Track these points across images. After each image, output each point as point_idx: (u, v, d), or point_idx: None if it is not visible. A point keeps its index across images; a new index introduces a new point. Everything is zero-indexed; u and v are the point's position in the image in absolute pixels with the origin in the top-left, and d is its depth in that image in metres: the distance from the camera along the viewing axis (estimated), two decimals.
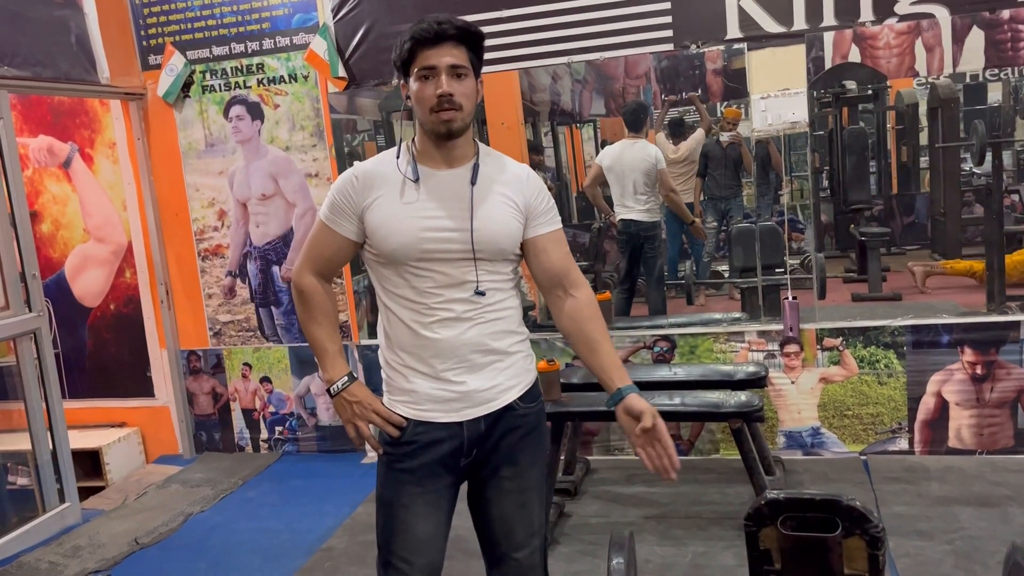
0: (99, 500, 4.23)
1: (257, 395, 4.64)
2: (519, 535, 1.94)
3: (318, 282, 1.95)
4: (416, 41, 1.77)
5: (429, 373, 1.85)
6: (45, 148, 4.71)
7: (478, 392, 1.86)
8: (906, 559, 2.91)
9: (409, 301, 1.84)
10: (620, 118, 7.51)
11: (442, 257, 1.81)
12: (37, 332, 3.84)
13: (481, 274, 1.83)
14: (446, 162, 1.85)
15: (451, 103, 1.76)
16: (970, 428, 3.72)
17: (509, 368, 1.89)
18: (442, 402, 1.85)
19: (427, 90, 1.77)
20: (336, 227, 1.88)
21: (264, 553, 3.45)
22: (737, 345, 3.93)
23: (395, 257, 1.82)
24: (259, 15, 4.27)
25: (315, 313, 1.95)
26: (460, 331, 1.83)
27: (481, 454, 1.91)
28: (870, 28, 3.74)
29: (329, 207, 1.89)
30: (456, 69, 1.77)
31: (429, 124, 1.81)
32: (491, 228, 1.83)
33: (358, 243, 1.89)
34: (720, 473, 3.80)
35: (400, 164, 1.85)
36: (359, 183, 1.85)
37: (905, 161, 7.00)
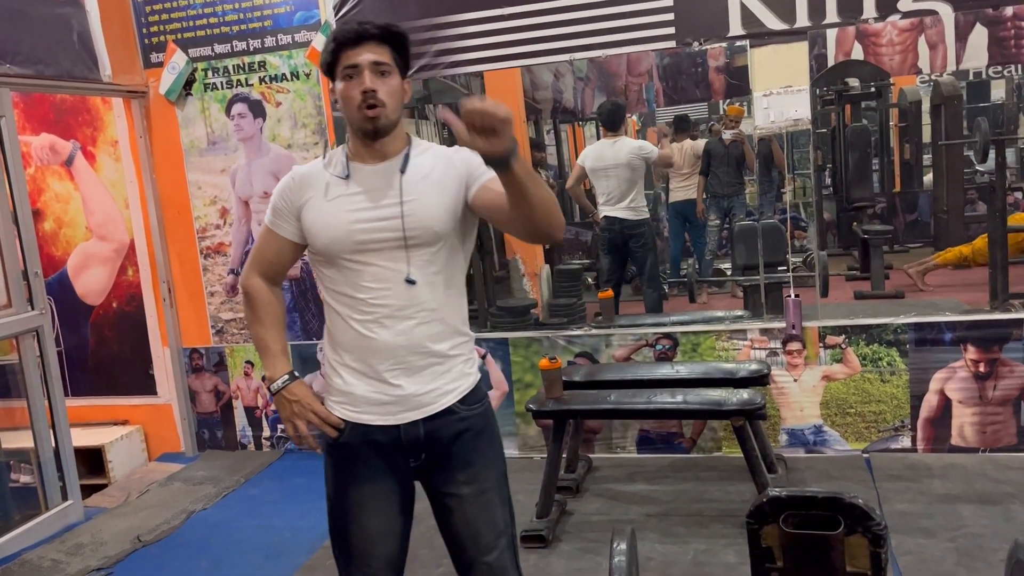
0: (101, 498, 4.24)
1: (259, 393, 4.64)
2: (486, 538, 1.93)
3: (264, 284, 1.99)
4: (338, 43, 1.80)
5: (367, 373, 1.86)
6: (47, 146, 4.71)
7: (415, 396, 1.85)
8: (908, 557, 2.91)
9: (348, 298, 1.85)
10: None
11: (376, 248, 1.82)
12: (40, 330, 3.85)
13: (415, 263, 1.82)
14: (377, 158, 1.87)
15: (375, 99, 1.78)
16: (973, 426, 3.72)
17: (448, 372, 1.88)
18: (378, 404, 1.86)
19: (352, 89, 1.79)
20: (277, 229, 1.93)
21: (266, 551, 3.46)
22: (739, 343, 3.93)
23: (329, 251, 1.84)
24: (261, 13, 4.27)
25: (259, 314, 1.99)
26: (398, 331, 1.82)
27: (432, 461, 1.90)
28: (873, 25, 3.73)
29: (271, 211, 1.94)
30: (379, 66, 1.79)
31: (356, 122, 1.82)
32: (423, 212, 1.81)
33: (300, 245, 1.93)
34: (722, 471, 3.79)
35: (334, 163, 1.89)
36: (295, 184, 1.90)
37: (908, 159, 7.00)
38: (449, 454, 1.89)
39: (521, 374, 4.18)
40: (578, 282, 5.30)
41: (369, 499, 1.90)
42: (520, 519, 3.38)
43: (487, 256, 5.05)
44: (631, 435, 4.08)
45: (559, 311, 4.81)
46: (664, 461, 3.98)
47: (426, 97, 5.15)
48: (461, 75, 4.24)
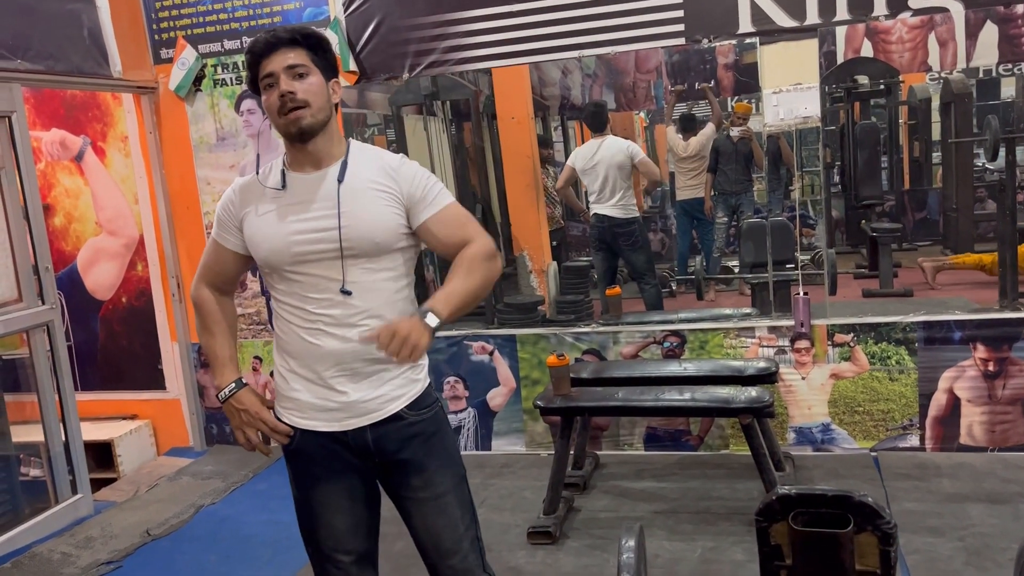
0: (111, 492, 4.26)
1: (267, 388, 4.66)
2: (447, 542, 1.94)
3: (211, 293, 2.00)
4: (253, 55, 1.81)
5: (313, 380, 1.86)
6: (58, 141, 4.73)
7: (361, 403, 1.85)
8: (916, 556, 2.91)
9: (293, 307, 1.86)
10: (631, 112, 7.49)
11: (315, 259, 1.82)
12: (50, 324, 3.86)
13: (352, 273, 1.81)
14: (313, 164, 1.86)
15: (294, 101, 1.78)
16: (982, 425, 3.71)
17: (395, 378, 1.88)
18: (324, 411, 1.87)
19: (272, 96, 1.80)
20: (222, 241, 1.95)
21: (275, 545, 3.47)
22: (747, 341, 3.92)
23: (270, 263, 1.86)
24: (270, 9, 4.27)
25: (207, 323, 2.00)
26: (343, 339, 1.83)
27: (386, 466, 1.92)
28: (883, 22, 3.72)
29: (217, 223, 1.96)
30: (294, 69, 1.79)
31: (281, 128, 1.83)
32: (362, 224, 1.81)
33: (245, 256, 1.94)
34: (730, 469, 3.79)
35: (272, 174, 1.89)
36: (237, 196, 1.92)
37: (917, 156, 6.98)
38: (401, 460, 1.90)
39: (528, 371, 4.18)
40: (585, 279, 5.31)
41: (332, 498, 1.93)
42: (527, 515, 3.42)
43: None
44: (638, 432, 4.09)
45: (566, 308, 4.81)
46: (672, 458, 3.98)
47: (434, 94, 5.16)
48: (469, 72, 4.24)
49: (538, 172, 5.21)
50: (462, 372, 4.27)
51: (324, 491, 1.93)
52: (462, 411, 4.29)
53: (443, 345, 4.27)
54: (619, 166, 5.20)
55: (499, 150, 5.31)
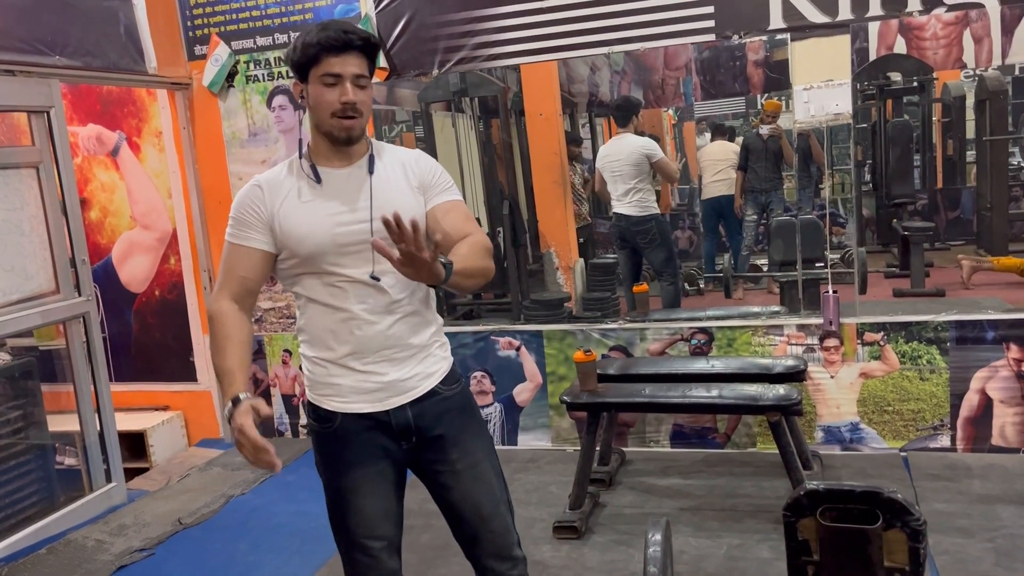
0: (143, 481, 4.34)
1: (297, 381, 4.71)
2: (486, 507, 2.00)
3: (231, 308, 1.90)
4: (323, 48, 1.81)
5: (354, 367, 1.90)
6: (94, 137, 4.82)
7: (400, 382, 1.91)
8: (946, 556, 2.88)
9: (330, 298, 1.88)
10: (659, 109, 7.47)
11: (354, 250, 1.86)
12: (86, 316, 3.94)
13: (379, 261, 1.81)
14: (343, 160, 1.91)
15: (354, 111, 1.83)
16: (1014, 426, 3.66)
17: (428, 357, 1.96)
18: (366, 393, 1.91)
19: (330, 95, 1.82)
20: (246, 242, 1.90)
21: (303, 536, 3.52)
22: (776, 338, 3.90)
23: (312, 257, 1.86)
24: (302, 6, 4.32)
25: (222, 343, 1.88)
26: (380, 328, 1.88)
27: (423, 442, 1.96)
28: (917, 18, 3.67)
29: (235, 224, 1.92)
30: (359, 79, 1.84)
31: (328, 127, 1.86)
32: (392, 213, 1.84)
33: (272, 254, 1.91)
34: (757, 467, 3.77)
35: (302, 167, 1.91)
36: (265, 192, 1.90)
37: (951, 155, 6.87)
38: (439, 434, 1.96)
39: (555, 367, 4.19)
40: (612, 276, 5.30)
41: (364, 484, 1.95)
42: (553, 510, 3.44)
43: (521, 249, 5.06)
44: (665, 429, 4.08)
45: (593, 305, 4.81)
46: (698, 456, 3.97)
47: (463, 90, 5.18)
48: (498, 68, 4.26)
49: (566, 169, 5.21)
50: (489, 367, 4.29)
51: (357, 476, 1.95)
52: (488, 406, 4.31)
53: (470, 340, 4.29)
54: (635, 164, 5.15)
55: (527, 147, 5.31)
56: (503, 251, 5.02)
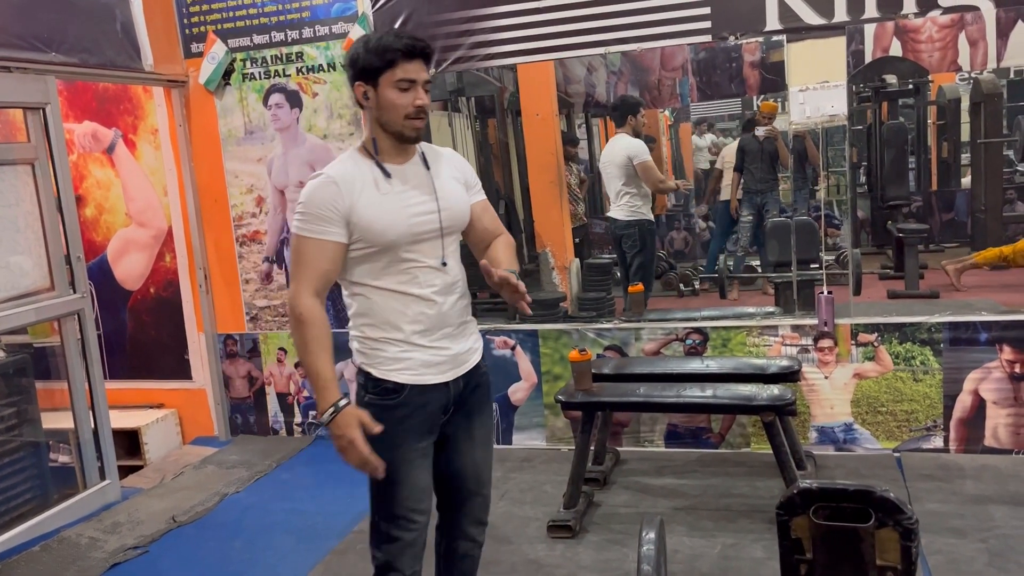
0: (138, 478, 4.33)
1: (292, 380, 4.71)
2: (485, 473, 2.27)
3: (315, 305, 1.98)
4: (403, 54, 1.98)
5: (424, 344, 2.07)
6: (90, 134, 4.81)
7: (460, 355, 2.15)
8: (938, 556, 2.89)
9: (402, 283, 2.05)
10: (656, 110, 7.49)
11: (426, 237, 2.06)
12: (81, 313, 3.94)
13: (446, 248, 2.10)
14: (402, 156, 2.09)
15: (424, 113, 2.04)
16: (1007, 427, 3.67)
17: (473, 334, 2.22)
18: (434, 366, 2.09)
19: (405, 99, 2.00)
20: (326, 236, 1.98)
21: (298, 534, 3.52)
22: (770, 339, 3.91)
23: (391, 245, 2.02)
24: (299, 4, 4.32)
25: (309, 341, 1.97)
26: (445, 307, 2.09)
27: (458, 409, 2.17)
28: (912, 21, 3.69)
29: (312, 220, 1.98)
30: (427, 84, 2.05)
31: (399, 127, 2.03)
32: (454, 204, 2.11)
33: (346, 245, 2.02)
34: (751, 467, 3.79)
35: (368, 165, 2.05)
36: (341, 187, 1.99)
37: (945, 157, 6.91)
38: (473, 401, 2.20)
39: (550, 366, 4.20)
40: (608, 276, 5.30)
41: (417, 457, 2.10)
42: (548, 509, 3.44)
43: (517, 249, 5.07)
44: (659, 429, 4.09)
45: (588, 305, 4.82)
46: (692, 455, 3.98)
47: (460, 90, 5.19)
48: (495, 68, 4.26)
49: (562, 169, 5.22)
50: None
51: (413, 449, 2.08)
52: None
53: None
54: (620, 165, 5.07)
55: (523, 147, 5.32)
56: None
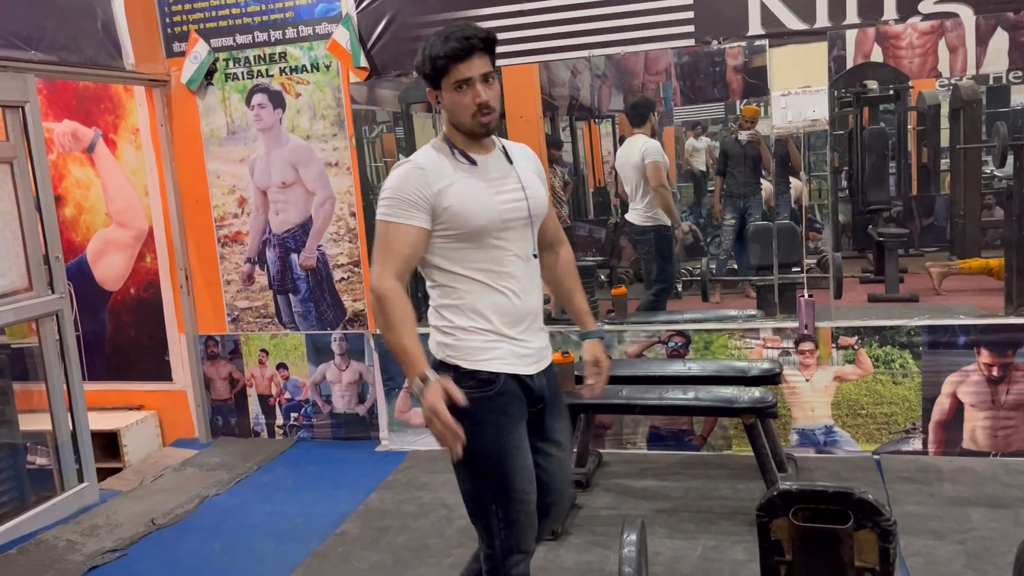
0: (116, 481, 4.29)
1: (273, 381, 4.68)
2: (567, 480, 2.29)
3: (399, 288, 1.99)
4: (450, 59, 1.97)
5: (509, 335, 2.08)
6: (70, 133, 4.77)
7: (541, 350, 2.16)
8: (917, 558, 2.91)
9: (490, 272, 2.06)
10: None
11: (515, 225, 2.07)
12: (59, 314, 3.90)
13: (534, 238, 2.14)
14: (483, 148, 2.11)
15: (487, 108, 2.01)
16: (984, 430, 3.71)
17: (546, 332, 2.20)
18: (521, 357, 2.10)
19: (465, 99, 2.00)
20: (411, 220, 1.99)
21: (278, 536, 3.50)
22: (752, 342, 3.93)
23: (481, 232, 2.03)
24: (283, 4, 4.30)
25: (394, 321, 1.97)
26: (530, 297, 2.11)
27: (543, 408, 2.17)
28: (893, 27, 3.73)
29: (398, 205, 1.99)
30: (486, 76, 2.01)
31: (469, 127, 2.03)
32: (537, 195, 2.14)
33: (430, 232, 2.03)
34: (732, 469, 3.80)
35: (454, 153, 2.06)
36: (428, 174, 2.01)
37: (925, 162, 6.97)
38: (552, 403, 2.18)
39: None
40: (591, 279, 5.30)
41: (521, 441, 2.12)
42: None
43: None
44: (642, 431, 4.10)
45: None
46: (674, 458, 3.99)
47: None
48: None
49: (547, 171, 5.20)
50: None
51: (519, 433, 2.11)
52: None
53: None
54: (635, 167, 4.96)
55: None
56: None
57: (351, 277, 4.46)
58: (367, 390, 4.53)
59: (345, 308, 4.49)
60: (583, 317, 2.27)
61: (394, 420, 4.44)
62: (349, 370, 4.54)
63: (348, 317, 4.49)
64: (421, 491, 3.80)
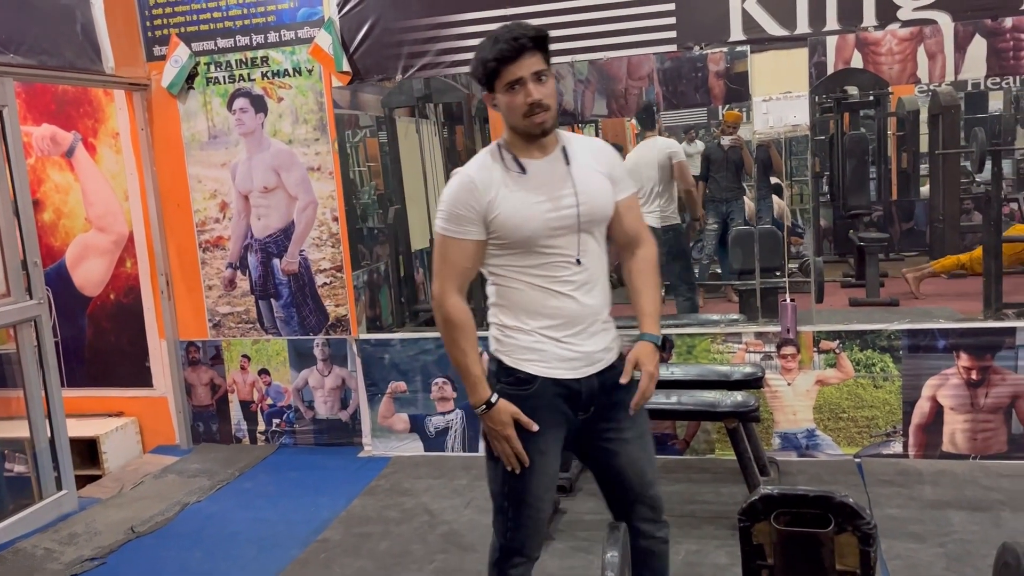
0: (96, 488, 4.25)
1: (255, 387, 4.65)
2: (649, 474, 2.22)
3: (459, 303, 2.07)
4: (499, 61, 1.97)
5: (557, 338, 2.08)
6: (49, 137, 4.72)
7: (594, 353, 2.11)
8: (898, 561, 2.93)
9: (540, 277, 2.06)
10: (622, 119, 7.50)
11: (562, 233, 2.04)
12: (37, 320, 3.86)
13: (583, 244, 2.07)
14: (541, 151, 2.07)
15: (540, 106, 1.98)
16: (964, 433, 3.74)
17: (610, 332, 2.17)
18: (566, 360, 2.09)
19: (517, 99, 1.98)
20: (466, 235, 2.05)
21: (260, 543, 3.47)
22: (734, 346, 3.95)
23: (528, 241, 2.04)
24: (264, 8, 4.29)
25: (457, 338, 2.07)
26: (582, 303, 2.08)
27: (600, 410, 2.15)
28: (873, 34, 3.76)
29: (452, 220, 2.05)
30: (538, 75, 1.98)
31: (523, 127, 2.02)
32: (594, 200, 2.07)
33: (485, 241, 2.07)
34: (715, 473, 3.81)
35: (505, 161, 2.06)
36: (478, 188, 2.03)
37: (905, 167, 7.02)
38: (616, 402, 2.15)
39: None
40: None
41: (550, 446, 2.12)
42: None
43: None
44: None
45: None
46: (657, 462, 3.96)
47: (427, 96, 5.17)
48: (462, 74, 4.26)
49: None
50: (450, 374, 4.28)
51: (546, 439, 2.10)
52: (450, 412, 4.29)
53: (432, 346, 4.28)
54: (660, 166, 4.93)
55: None
56: None
57: (333, 282, 4.44)
58: (350, 396, 4.51)
59: (327, 313, 4.47)
60: (642, 318, 2.20)
61: (377, 426, 4.42)
62: (331, 375, 4.52)
63: (330, 322, 4.48)
64: (404, 497, 3.79)
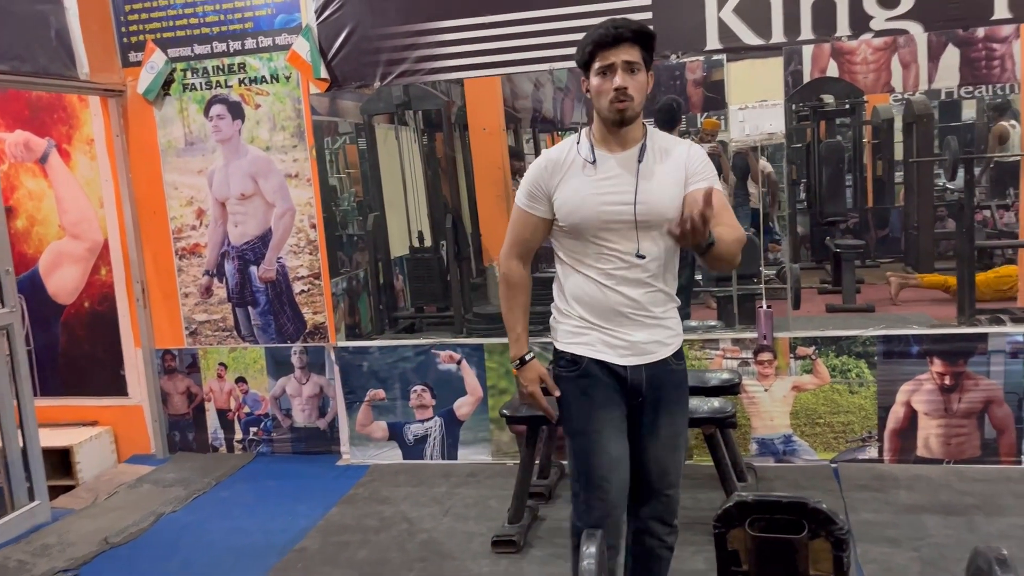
0: (69, 499, 4.19)
1: (232, 395, 4.62)
2: (672, 475, 2.27)
3: (517, 266, 2.28)
4: (596, 44, 2.06)
5: (603, 325, 2.17)
6: (22, 143, 4.67)
7: (641, 343, 2.17)
8: (873, 565, 2.95)
9: (590, 267, 2.16)
10: None
11: (616, 227, 2.11)
12: (9, 328, 3.80)
13: (643, 241, 2.12)
14: (619, 145, 2.15)
15: (625, 95, 2.05)
16: (938, 438, 3.78)
17: (667, 330, 2.21)
18: (612, 347, 2.17)
19: (605, 84, 2.07)
20: (533, 210, 2.21)
21: (237, 553, 3.44)
22: (712, 352, 3.97)
23: (579, 228, 2.14)
24: (242, 15, 4.27)
25: (508, 297, 2.30)
26: (631, 296, 2.14)
27: (648, 403, 2.20)
28: (847, 43, 3.80)
29: (526, 195, 2.22)
30: (630, 65, 2.05)
31: (605, 113, 2.10)
32: (655, 200, 2.11)
33: (551, 221, 2.20)
34: (692, 479, 3.82)
35: (581, 149, 2.16)
36: (548, 170, 2.18)
37: (880, 175, 7.10)
38: (660, 398, 2.20)
39: (496, 380, 4.20)
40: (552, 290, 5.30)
41: (608, 426, 2.17)
42: (492, 524, 3.43)
43: (464, 263, 5.07)
44: None
45: (535, 319, 4.82)
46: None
47: (406, 103, 5.16)
48: (441, 82, 4.27)
49: (509, 183, 5.23)
50: (429, 381, 4.27)
51: (604, 419, 2.16)
52: (428, 420, 4.28)
53: (411, 354, 4.27)
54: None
55: (470, 161, 5.32)
56: (446, 264, 5.01)
57: (311, 289, 4.42)
58: (328, 404, 4.48)
59: (305, 321, 4.45)
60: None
61: (355, 434, 4.40)
62: (309, 383, 4.49)
63: (308, 330, 4.45)
64: (382, 505, 3.77)
